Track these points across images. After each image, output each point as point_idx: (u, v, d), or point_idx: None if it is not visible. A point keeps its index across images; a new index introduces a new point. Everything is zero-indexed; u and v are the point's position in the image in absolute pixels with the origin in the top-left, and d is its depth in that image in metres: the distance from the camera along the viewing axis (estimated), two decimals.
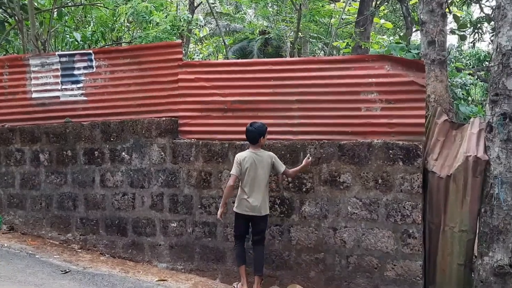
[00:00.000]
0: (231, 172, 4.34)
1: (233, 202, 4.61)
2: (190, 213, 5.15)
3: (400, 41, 8.64)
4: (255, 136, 4.39)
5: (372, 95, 4.73)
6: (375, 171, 4.60)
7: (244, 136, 4.59)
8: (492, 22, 9.22)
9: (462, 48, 16.73)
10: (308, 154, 4.65)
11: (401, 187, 4.53)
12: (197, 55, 16.64)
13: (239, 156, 4.40)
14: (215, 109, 5.13)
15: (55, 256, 5.07)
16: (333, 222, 4.73)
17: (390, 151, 4.58)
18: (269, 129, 4.73)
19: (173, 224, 5.18)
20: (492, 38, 8.66)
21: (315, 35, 14.57)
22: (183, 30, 10.21)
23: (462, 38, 8.04)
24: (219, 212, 4.41)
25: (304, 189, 4.82)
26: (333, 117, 4.83)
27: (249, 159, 4.34)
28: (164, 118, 5.26)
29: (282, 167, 4.44)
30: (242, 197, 4.31)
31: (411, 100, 4.63)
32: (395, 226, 4.55)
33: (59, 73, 5.56)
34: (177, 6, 13.46)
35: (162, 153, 5.24)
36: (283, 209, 4.88)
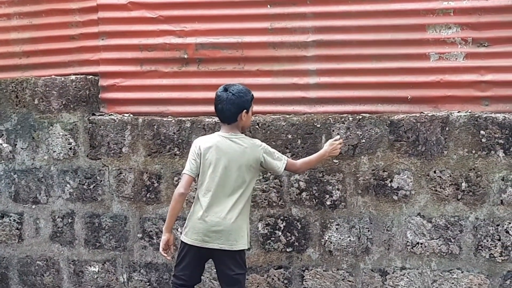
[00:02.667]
0: (183, 171, 4.19)
1: None
2: (124, 248, 5.06)
3: None
4: (231, 110, 4.10)
5: (449, 31, 4.62)
6: (456, 168, 4.50)
7: None
8: None
9: None
10: (338, 136, 4.56)
11: (501, 195, 4.42)
12: None
13: (200, 142, 4.20)
14: (166, 60, 5.05)
15: None
16: (380, 260, 4.63)
17: (482, 132, 4.45)
18: (267, 94, 4.76)
19: (93, 268, 5.09)
20: None
21: None
22: None
23: None
24: (161, 242, 4.20)
25: (328, 202, 4.71)
26: (378, 73, 4.74)
27: (216, 148, 4.10)
28: (73, 77, 5.16)
29: (280, 161, 4.21)
30: (194, 213, 4.13)
31: None
32: (491, 266, 4.44)
33: None
34: None
35: (71, 139, 5.17)
36: (291, 238, 4.79)
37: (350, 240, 4.62)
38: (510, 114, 4.44)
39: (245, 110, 4.08)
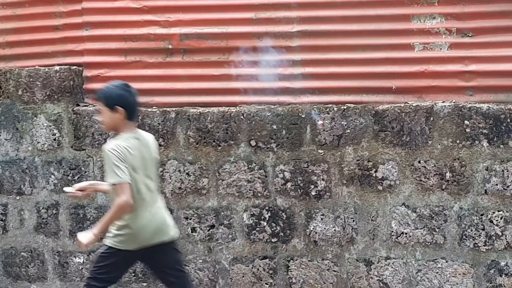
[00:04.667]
0: (117, 180, 3.76)
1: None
2: None
3: None
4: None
5: (433, 21, 4.64)
6: (440, 158, 4.52)
7: (205, 99, 4.69)
8: None
9: None
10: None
11: (485, 185, 4.43)
12: None
13: (121, 145, 3.90)
14: (151, 51, 5.07)
15: None
16: (365, 250, 4.65)
17: (466, 122, 4.46)
18: (250, 84, 4.81)
19: (78, 259, 5.10)
20: None
21: None
22: None
23: None
24: (89, 237, 3.86)
25: (313, 192, 4.70)
26: (362, 63, 4.77)
27: (135, 149, 3.95)
28: (57, 68, 5.17)
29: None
30: (140, 218, 3.82)
31: (507, 29, 4.53)
32: (475, 256, 4.46)
33: None
34: None
35: (55, 130, 5.18)
36: (276, 228, 4.80)
37: (335, 230, 4.63)
38: (494, 104, 4.45)
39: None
